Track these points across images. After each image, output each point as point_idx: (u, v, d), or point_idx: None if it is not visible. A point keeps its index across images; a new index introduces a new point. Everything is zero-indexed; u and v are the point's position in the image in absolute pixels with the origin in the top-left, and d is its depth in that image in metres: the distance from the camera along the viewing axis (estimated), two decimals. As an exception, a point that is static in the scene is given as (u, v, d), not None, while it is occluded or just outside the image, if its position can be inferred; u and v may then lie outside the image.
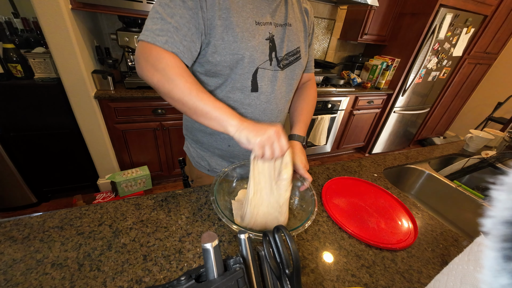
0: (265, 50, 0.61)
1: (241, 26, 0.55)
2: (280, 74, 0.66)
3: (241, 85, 0.62)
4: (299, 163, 0.64)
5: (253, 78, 0.62)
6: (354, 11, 2.33)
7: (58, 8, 1.18)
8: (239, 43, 0.56)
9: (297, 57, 0.68)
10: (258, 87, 0.64)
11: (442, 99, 3.00)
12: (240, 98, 0.64)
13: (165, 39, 0.49)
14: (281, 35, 0.63)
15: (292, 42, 0.66)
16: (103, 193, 1.78)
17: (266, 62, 0.62)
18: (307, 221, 0.51)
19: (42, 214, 0.56)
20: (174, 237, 0.54)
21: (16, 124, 1.39)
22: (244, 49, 0.57)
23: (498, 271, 0.15)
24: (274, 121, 0.73)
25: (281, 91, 0.68)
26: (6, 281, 0.42)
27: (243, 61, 0.58)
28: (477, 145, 1.21)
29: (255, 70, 0.61)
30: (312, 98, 0.80)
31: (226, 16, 0.53)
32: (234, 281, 0.29)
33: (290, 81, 0.70)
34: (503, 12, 2.46)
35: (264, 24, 0.59)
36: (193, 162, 0.81)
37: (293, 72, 0.69)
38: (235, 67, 0.59)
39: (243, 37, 0.56)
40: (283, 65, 0.66)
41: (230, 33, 0.54)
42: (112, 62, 1.64)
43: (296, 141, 0.70)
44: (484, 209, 0.15)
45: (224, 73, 0.60)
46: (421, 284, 0.51)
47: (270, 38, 0.61)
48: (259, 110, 0.67)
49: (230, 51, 0.56)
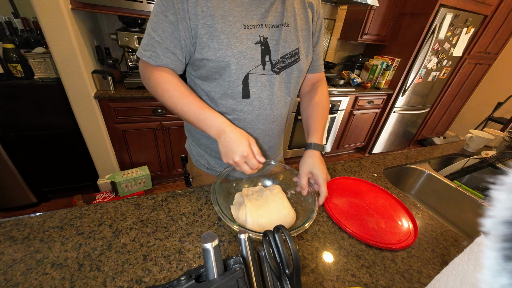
0: (255, 54, 0.58)
1: (227, 32, 0.54)
2: (276, 79, 0.63)
3: (232, 92, 0.61)
4: (319, 173, 0.62)
5: (244, 85, 0.60)
6: (354, 11, 2.33)
7: (58, 8, 1.18)
8: (224, 50, 0.54)
9: (296, 59, 0.64)
10: (250, 93, 0.61)
11: (442, 99, 3.00)
12: (232, 104, 0.63)
13: (149, 54, 0.55)
14: (276, 36, 0.59)
15: (290, 43, 0.62)
16: (103, 193, 1.78)
17: (258, 67, 0.59)
18: (308, 221, 0.51)
19: (42, 214, 0.56)
20: (174, 237, 0.54)
21: (16, 124, 1.39)
22: (230, 56, 0.55)
23: (498, 271, 0.15)
24: (269, 127, 0.70)
25: (277, 96, 0.65)
26: (6, 281, 0.42)
27: (230, 68, 0.57)
28: (477, 145, 1.21)
29: (245, 76, 0.59)
30: (326, 102, 0.75)
31: (210, 23, 0.52)
32: (234, 281, 0.29)
33: (287, 85, 0.67)
34: (503, 12, 2.46)
35: (253, 27, 0.56)
36: (193, 160, 0.81)
37: (290, 75, 0.65)
38: (223, 73, 0.58)
39: (229, 43, 0.54)
40: (278, 68, 0.62)
41: (215, 40, 0.53)
42: (112, 62, 1.64)
43: (315, 151, 0.67)
44: (484, 209, 0.15)
45: (213, 77, 0.60)
46: (421, 284, 0.51)
47: (261, 41, 0.58)
48: (252, 116, 0.65)
49: (216, 58, 0.55)
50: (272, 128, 0.71)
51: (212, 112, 0.57)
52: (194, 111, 0.57)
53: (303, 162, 0.66)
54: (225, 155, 0.55)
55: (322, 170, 0.63)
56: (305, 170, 0.64)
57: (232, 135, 0.54)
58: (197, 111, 0.57)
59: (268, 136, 0.73)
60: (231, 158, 0.54)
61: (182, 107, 0.57)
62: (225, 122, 0.56)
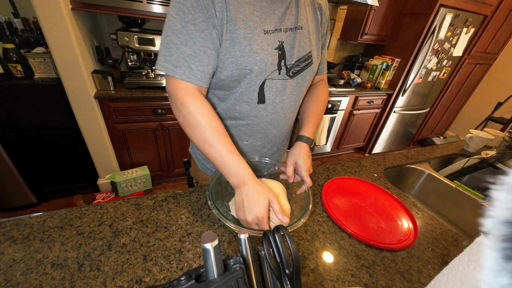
0: (274, 60, 0.57)
1: (249, 38, 0.51)
2: (289, 83, 0.62)
3: (247, 97, 0.60)
4: (303, 164, 0.62)
5: (260, 90, 0.59)
6: (354, 11, 2.33)
7: (58, 8, 1.18)
8: (246, 58, 0.52)
9: (309, 63, 0.63)
10: (265, 98, 0.61)
11: (442, 99, 3.00)
12: (246, 110, 0.62)
13: (183, 70, 0.51)
14: (291, 40, 0.58)
15: (304, 46, 0.61)
16: (103, 193, 1.78)
17: (274, 72, 0.58)
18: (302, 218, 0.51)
19: (42, 214, 0.56)
20: (174, 237, 0.54)
21: (16, 124, 1.39)
22: (253, 64, 0.53)
23: (498, 271, 0.15)
24: (280, 131, 0.70)
25: (289, 100, 0.65)
26: (6, 281, 0.42)
27: (251, 75, 0.55)
28: (477, 145, 1.21)
29: (262, 82, 0.58)
30: (324, 99, 0.77)
31: (232, 29, 0.50)
32: (234, 281, 0.29)
33: (300, 89, 0.66)
34: (503, 12, 2.46)
35: (273, 32, 0.55)
36: (199, 165, 0.80)
37: (304, 79, 0.65)
38: (242, 80, 0.57)
39: (251, 50, 0.52)
40: (292, 73, 0.61)
41: (237, 47, 0.51)
42: (112, 62, 1.64)
43: (304, 143, 0.68)
44: (484, 209, 0.15)
45: (231, 86, 0.58)
46: (421, 284, 0.51)
47: (279, 46, 0.57)
48: (266, 121, 0.65)
49: (237, 66, 0.53)
50: (283, 132, 0.72)
51: (240, 160, 0.53)
52: (223, 154, 0.53)
53: (291, 152, 0.68)
54: (238, 209, 0.51)
55: (305, 162, 0.64)
56: (292, 160, 0.66)
57: (253, 192, 0.50)
58: (226, 155, 0.53)
59: (278, 139, 0.74)
60: (243, 215, 0.50)
61: (211, 146, 0.53)
62: (250, 175, 0.52)
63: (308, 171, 0.64)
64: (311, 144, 0.70)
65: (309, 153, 0.67)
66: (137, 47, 1.53)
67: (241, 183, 0.52)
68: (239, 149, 0.69)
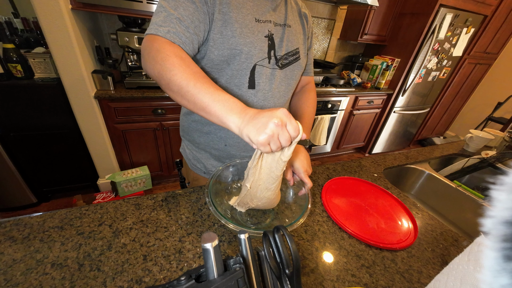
0: (264, 47, 0.61)
1: (240, 22, 0.56)
2: (279, 73, 0.66)
3: (238, 81, 0.62)
4: (299, 166, 0.62)
5: (251, 75, 0.62)
6: (354, 11, 2.33)
7: (58, 8, 1.18)
8: (237, 38, 0.56)
9: (296, 58, 0.69)
10: (255, 84, 0.63)
11: (442, 99, 3.00)
12: (237, 95, 0.64)
13: (167, 29, 0.48)
14: (280, 34, 0.64)
15: (292, 42, 0.66)
16: (103, 193, 1.78)
17: (264, 59, 0.62)
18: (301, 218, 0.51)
19: (42, 214, 0.56)
20: (174, 237, 0.54)
21: (16, 124, 1.39)
22: (242, 45, 0.57)
23: (498, 271, 0.15)
24: None
25: (279, 90, 0.68)
26: (6, 281, 0.42)
27: (240, 56, 0.58)
28: (477, 145, 1.21)
29: (253, 67, 0.61)
30: (313, 101, 0.80)
31: (226, 11, 0.54)
32: (234, 281, 0.29)
33: (289, 81, 0.70)
34: (503, 12, 2.46)
35: (263, 21, 0.60)
36: (189, 164, 0.81)
37: (292, 72, 0.69)
38: (232, 62, 0.59)
39: (242, 33, 0.56)
40: (281, 64, 0.66)
41: (229, 28, 0.55)
42: (112, 62, 1.64)
43: (299, 145, 0.67)
44: (484, 209, 0.15)
45: (221, 67, 0.60)
46: (421, 284, 0.51)
47: (269, 36, 0.61)
48: (257, 107, 0.64)
49: (228, 46, 0.56)
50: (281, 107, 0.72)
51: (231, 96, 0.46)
52: (211, 90, 0.44)
53: None
54: (257, 130, 0.40)
55: (302, 164, 0.62)
56: (288, 163, 0.65)
57: (261, 111, 0.42)
58: (214, 91, 0.44)
59: None
60: (267, 128, 0.39)
61: (196, 84, 0.44)
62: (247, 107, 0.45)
63: (307, 172, 0.63)
64: (306, 145, 0.70)
65: (306, 154, 0.67)
66: (137, 47, 1.53)
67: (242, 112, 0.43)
68: (231, 138, 0.71)
